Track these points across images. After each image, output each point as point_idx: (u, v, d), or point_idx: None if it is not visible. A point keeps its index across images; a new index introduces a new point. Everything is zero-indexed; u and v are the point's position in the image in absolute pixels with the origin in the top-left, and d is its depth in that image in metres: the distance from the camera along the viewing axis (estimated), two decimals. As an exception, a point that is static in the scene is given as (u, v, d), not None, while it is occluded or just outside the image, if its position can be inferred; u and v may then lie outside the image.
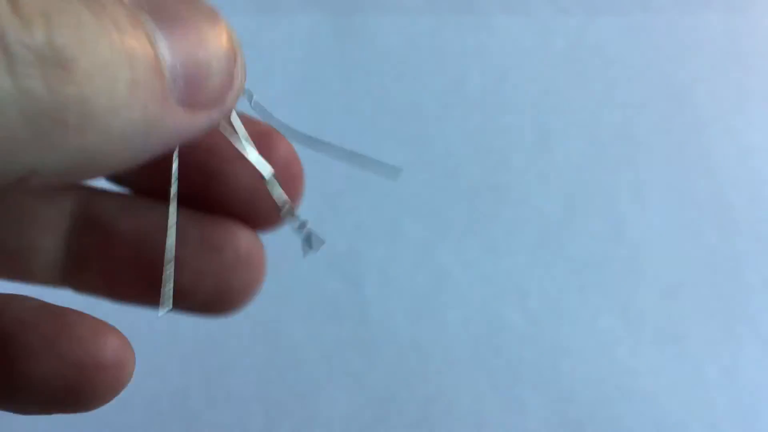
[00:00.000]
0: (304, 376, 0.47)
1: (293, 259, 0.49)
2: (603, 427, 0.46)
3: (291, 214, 0.21)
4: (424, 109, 0.58)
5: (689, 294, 0.50)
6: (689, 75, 0.60)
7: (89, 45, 0.14)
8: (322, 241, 0.21)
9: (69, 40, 0.14)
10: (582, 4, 0.63)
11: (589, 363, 0.48)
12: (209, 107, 0.17)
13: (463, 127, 0.57)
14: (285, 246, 0.48)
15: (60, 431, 0.45)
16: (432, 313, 0.49)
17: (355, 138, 0.56)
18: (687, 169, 0.55)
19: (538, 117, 0.58)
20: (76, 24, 0.14)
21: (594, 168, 0.55)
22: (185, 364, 0.47)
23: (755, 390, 0.47)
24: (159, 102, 0.16)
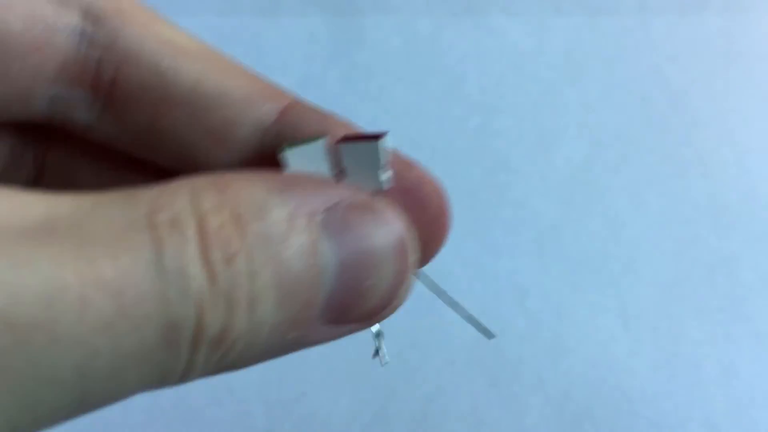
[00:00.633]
0: (304, 375, 0.47)
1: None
2: (601, 426, 0.46)
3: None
4: (423, 110, 0.58)
5: (687, 293, 0.50)
6: (687, 76, 0.60)
7: (255, 317, 0.17)
8: (387, 362, 0.22)
9: (239, 320, 0.17)
10: (581, 5, 0.63)
11: (588, 362, 0.48)
12: (361, 323, 0.19)
13: (463, 128, 0.57)
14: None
15: (60, 429, 0.46)
16: (432, 313, 0.49)
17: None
18: (685, 170, 0.55)
19: (537, 117, 0.58)
20: (252, 299, 0.17)
21: (592, 168, 0.55)
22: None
23: (753, 388, 0.47)
24: (302, 329, 0.18)
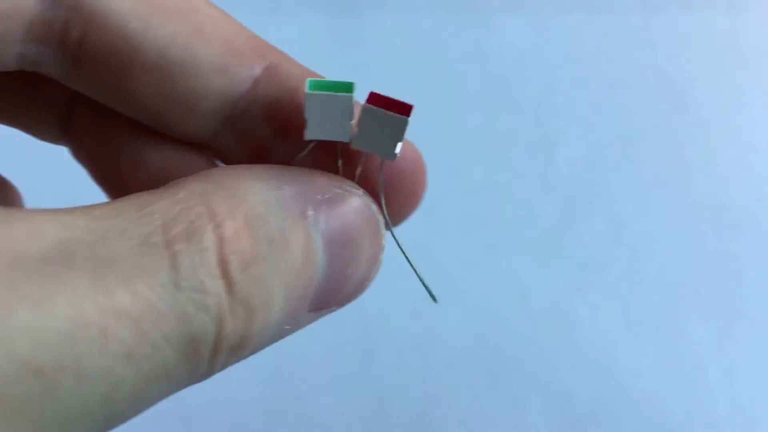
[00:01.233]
0: (303, 376, 0.47)
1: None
2: (603, 427, 0.46)
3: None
4: (423, 109, 0.58)
5: (689, 293, 0.50)
6: (689, 74, 0.60)
7: (269, 319, 0.18)
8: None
9: (257, 325, 0.17)
10: (582, 3, 0.63)
11: (589, 362, 0.48)
12: (335, 307, 0.20)
13: (464, 127, 0.57)
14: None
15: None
16: (432, 313, 0.49)
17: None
18: (687, 169, 0.55)
19: (538, 116, 0.58)
20: (268, 303, 0.17)
21: (594, 167, 0.55)
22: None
23: (756, 389, 0.47)
24: (294, 321, 0.19)
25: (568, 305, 0.50)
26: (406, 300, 0.50)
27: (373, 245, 0.21)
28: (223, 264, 0.16)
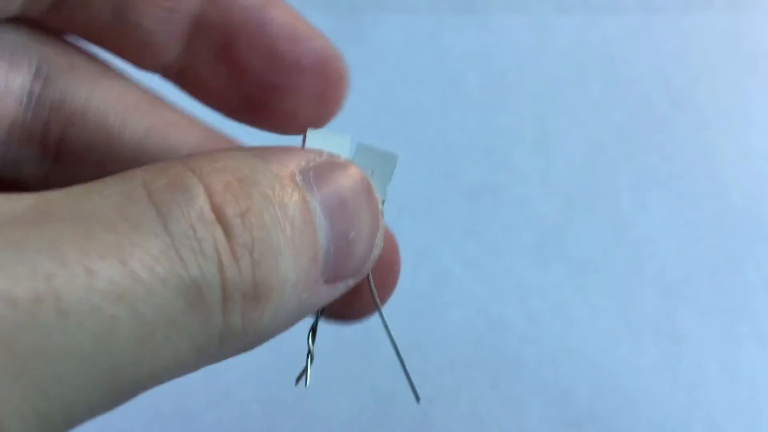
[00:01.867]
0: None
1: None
2: (603, 428, 0.46)
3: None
4: (424, 109, 0.58)
5: (690, 294, 0.50)
6: (690, 74, 0.60)
7: (280, 271, 0.17)
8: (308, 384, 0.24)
9: (268, 274, 0.16)
10: (582, 3, 0.63)
11: (590, 363, 0.48)
12: (349, 278, 0.20)
13: (463, 127, 0.57)
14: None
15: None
16: (432, 313, 0.49)
17: (356, 138, 0.56)
18: (688, 169, 0.55)
19: (538, 116, 0.58)
20: (274, 253, 0.16)
21: (594, 168, 0.55)
22: (185, 364, 0.47)
23: (756, 389, 0.47)
24: (311, 289, 0.18)
25: (568, 305, 0.50)
26: (406, 300, 0.50)
27: (371, 207, 0.20)
28: (217, 210, 0.16)
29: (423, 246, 0.52)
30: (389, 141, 0.57)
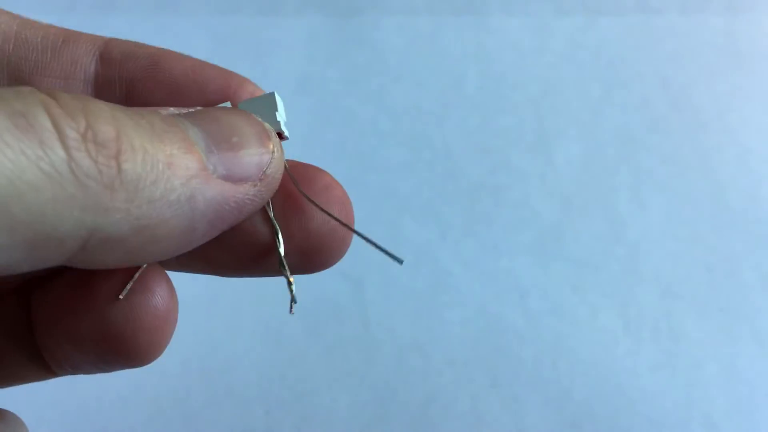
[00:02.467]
0: (304, 375, 0.47)
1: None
2: (602, 426, 0.46)
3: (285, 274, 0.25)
4: (423, 109, 0.58)
5: (687, 293, 0.50)
6: (688, 76, 0.60)
7: (124, 130, 0.17)
8: (295, 302, 0.25)
9: (104, 126, 0.17)
10: (581, 4, 0.63)
11: (588, 362, 0.48)
12: (250, 180, 0.21)
13: (463, 127, 0.57)
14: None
15: (65, 429, 0.46)
16: (432, 313, 0.50)
17: (356, 138, 0.56)
18: (685, 169, 0.55)
19: (537, 117, 0.58)
20: (110, 117, 0.17)
21: (593, 168, 0.55)
22: (186, 363, 0.48)
23: (754, 388, 0.47)
24: (201, 177, 0.19)
25: (567, 305, 0.50)
26: (406, 300, 0.50)
27: (250, 123, 0.21)
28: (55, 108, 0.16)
29: (423, 246, 0.52)
30: (389, 141, 0.58)
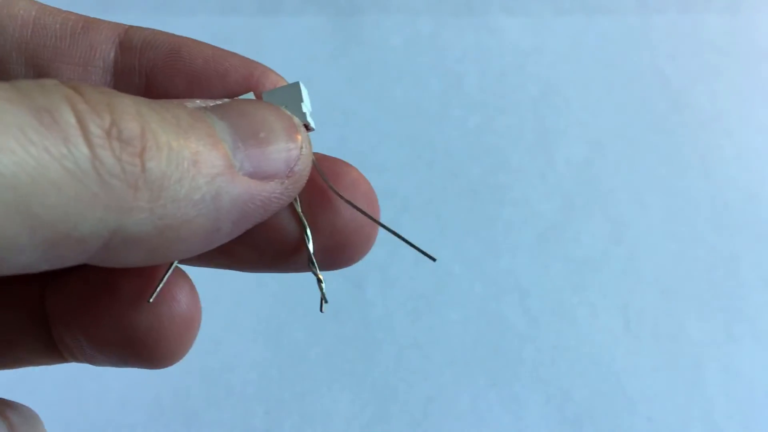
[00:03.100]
0: (305, 375, 0.47)
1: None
2: (602, 426, 0.46)
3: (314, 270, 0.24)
4: (424, 109, 0.58)
5: (687, 293, 0.50)
6: (688, 75, 0.60)
7: (149, 127, 0.17)
8: (326, 301, 0.25)
9: (130, 122, 0.16)
10: (581, 4, 0.63)
11: (588, 362, 0.48)
12: (277, 177, 0.20)
13: (463, 127, 0.58)
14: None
15: (65, 428, 0.46)
16: (432, 313, 0.50)
17: (356, 138, 0.57)
18: (686, 169, 0.55)
19: (537, 117, 0.58)
20: (135, 113, 0.17)
21: (593, 168, 0.56)
22: (186, 363, 0.47)
23: (754, 388, 0.47)
24: (226, 174, 0.18)
25: (567, 304, 0.50)
26: (406, 299, 0.50)
27: (279, 117, 0.21)
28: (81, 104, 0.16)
29: (423, 245, 0.52)
30: (390, 141, 0.58)
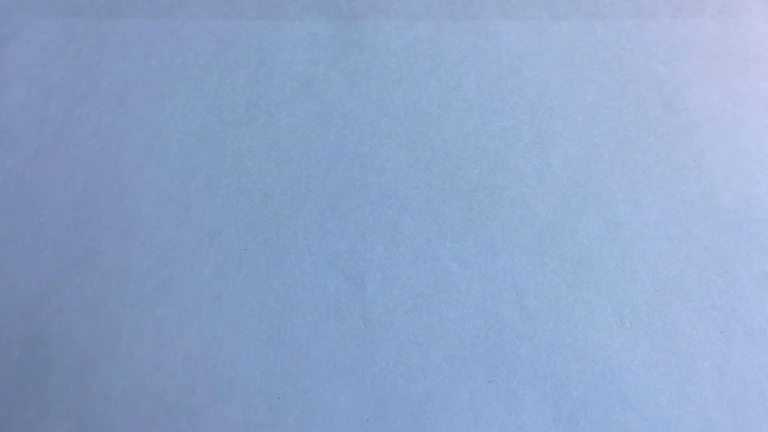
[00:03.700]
0: (307, 371, 0.48)
1: (296, 258, 0.50)
2: (597, 421, 0.46)
3: None
4: (423, 112, 0.59)
5: (681, 291, 0.51)
6: (682, 78, 0.60)
7: None
8: None
9: None
10: (577, 9, 0.64)
11: (584, 358, 0.48)
12: None
13: (462, 129, 0.58)
14: (288, 245, 0.49)
15: (69, 427, 0.46)
16: (431, 311, 0.50)
17: (356, 139, 0.57)
18: (679, 170, 0.56)
19: (534, 119, 0.58)
20: None
21: (589, 168, 0.56)
22: (190, 359, 0.48)
23: (746, 384, 0.47)
24: None
25: (563, 303, 0.50)
26: (406, 297, 0.50)
27: None
28: None
29: (422, 245, 0.52)
30: (390, 142, 0.58)
